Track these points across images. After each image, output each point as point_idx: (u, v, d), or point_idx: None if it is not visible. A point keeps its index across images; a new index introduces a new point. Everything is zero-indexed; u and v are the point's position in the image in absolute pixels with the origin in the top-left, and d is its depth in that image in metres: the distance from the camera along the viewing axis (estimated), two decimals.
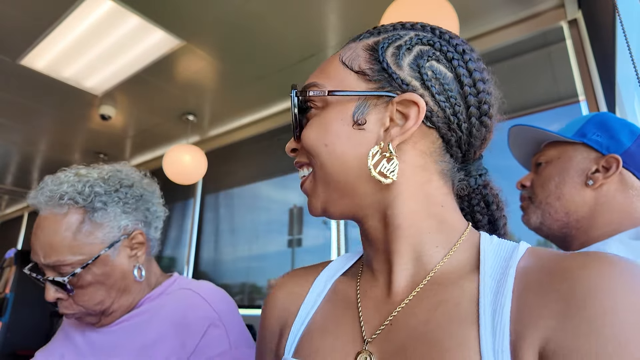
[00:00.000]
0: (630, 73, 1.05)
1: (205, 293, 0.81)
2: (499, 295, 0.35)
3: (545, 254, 0.37)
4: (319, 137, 0.43)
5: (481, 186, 0.48)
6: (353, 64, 0.44)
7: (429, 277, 0.41)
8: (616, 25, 1.30)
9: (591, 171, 0.78)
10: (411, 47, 0.42)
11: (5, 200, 5.95)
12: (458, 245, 0.42)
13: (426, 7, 1.45)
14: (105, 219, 0.77)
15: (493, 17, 2.03)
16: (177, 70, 2.52)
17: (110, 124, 3.23)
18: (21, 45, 2.25)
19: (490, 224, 0.49)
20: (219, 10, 1.99)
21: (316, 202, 0.46)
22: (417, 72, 0.41)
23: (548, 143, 0.86)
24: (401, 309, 0.40)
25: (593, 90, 1.75)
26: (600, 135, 0.79)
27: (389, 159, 0.40)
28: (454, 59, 0.42)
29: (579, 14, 1.87)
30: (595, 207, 0.77)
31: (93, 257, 0.74)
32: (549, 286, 0.33)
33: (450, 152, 0.44)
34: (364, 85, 0.42)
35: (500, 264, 0.38)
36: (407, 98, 0.40)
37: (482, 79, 0.43)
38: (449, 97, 0.41)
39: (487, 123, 0.43)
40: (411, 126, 0.40)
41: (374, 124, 0.42)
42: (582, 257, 0.33)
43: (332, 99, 0.44)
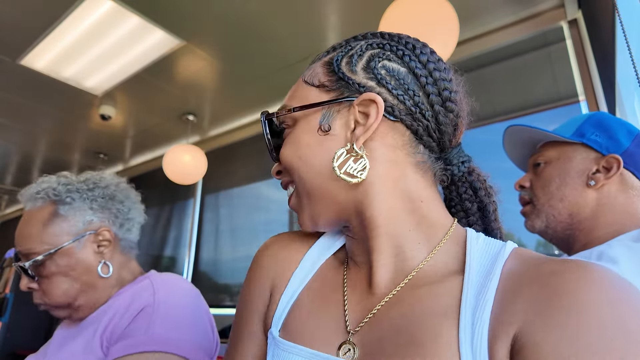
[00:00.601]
0: (630, 73, 1.05)
1: (157, 282, 0.82)
2: (481, 295, 0.36)
3: (529, 257, 0.38)
4: (293, 152, 0.46)
5: (466, 173, 0.48)
6: (314, 80, 0.47)
7: (412, 275, 0.42)
8: (616, 25, 1.30)
9: (592, 171, 0.77)
10: (362, 53, 0.45)
11: (5, 200, 5.95)
12: (442, 243, 0.43)
13: (426, 7, 1.45)
14: (71, 213, 0.83)
15: (493, 17, 2.03)
16: (177, 70, 2.52)
17: (110, 124, 3.23)
18: (21, 45, 2.25)
19: (480, 210, 0.49)
20: (219, 10, 1.99)
21: (304, 216, 0.48)
22: (370, 74, 0.44)
23: (545, 143, 0.86)
24: (384, 304, 0.41)
25: (593, 90, 1.75)
26: (599, 135, 0.78)
27: (356, 158, 0.42)
28: (405, 55, 0.44)
29: (579, 14, 1.87)
30: (597, 208, 0.77)
31: (57, 247, 0.80)
32: (528, 289, 0.34)
33: (423, 142, 0.45)
34: (326, 97, 0.45)
35: (485, 265, 0.39)
36: (365, 98, 0.42)
37: (437, 69, 0.44)
38: (407, 89, 0.43)
39: (451, 108, 0.44)
40: (372, 123, 0.42)
41: (340, 129, 0.44)
42: (563, 263, 0.34)
43: (299, 115, 0.46)
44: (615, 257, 0.64)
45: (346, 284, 0.47)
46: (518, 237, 1.83)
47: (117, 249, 0.88)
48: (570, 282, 0.32)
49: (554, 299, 0.31)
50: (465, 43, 2.13)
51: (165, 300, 0.77)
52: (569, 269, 0.33)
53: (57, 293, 0.80)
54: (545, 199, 0.81)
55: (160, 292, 0.78)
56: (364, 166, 0.42)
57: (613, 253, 0.65)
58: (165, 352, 0.69)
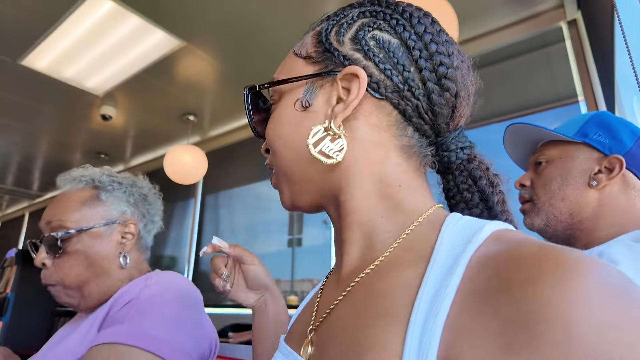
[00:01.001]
0: (629, 73, 1.05)
1: (152, 279, 0.82)
2: (440, 293, 0.29)
3: (506, 242, 0.29)
4: (274, 130, 0.43)
5: (465, 161, 0.43)
6: (302, 51, 0.43)
7: (373, 266, 0.37)
8: (615, 25, 1.30)
9: (594, 172, 0.77)
10: (352, 22, 0.41)
11: (6, 200, 5.96)
12: (413, 227, 0.37)
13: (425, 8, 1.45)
14: (110, 200, 0.89)
15: (492, 18, 2.03)
16: (177, 71, 2.53)
17: (111, 124, 3.24)
18: (22, 46, 2.26)
19: (483, 201, 0.42)
20: (219, 11, 1.99)
21: (284, 197, 0.45)
22: (358, 45, 0.39)
23: (546, 142, 0.86)
24: (342, 298, 0.38)
25: (592, 90, 1.75)
26: (602, 135, 0.78)
27: (334, 138, 0.38)
28: (399, 24, 0.39)
29: (578, 14, 1.87)
30: (598, 209, 0.76)
31: (89, 226, 0.83)
32: (496, 293, 0.26)
33: (412, 124, 0.40)
34: (311, 69, 0.41)
35: (455, 252, 0.31)
36: (347, 72, 0.38)
37: (434, 41, 0.39)
38: (396, 63, 0.38)
39: (448, 86, 0.39)
40: (352, 99, 0.38)
41: (321, 106, 0.40)
42: (546, 264, 0.25)
43: (284, 89, 0.43)
44: (615, 257, 0.64)
45: (326, 279, 0.47)
46: None
47: (136, 245, 0.91)
48: (555, 300, 0.23)
49: (529, 324, 0.23)
50: (465, 43, 2.13)
51: (151, 296, 0.76)
52: (550, 275, 0.24)
53: (73, 272, 0.81)
54: (546, 198, 0.81)
55: (149, 289, 0.78)
56: (341, 147, 0.38)
57: (613, 253, 0.65)
58: (134, 347, 0.67)
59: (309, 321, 0.42)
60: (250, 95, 0.46)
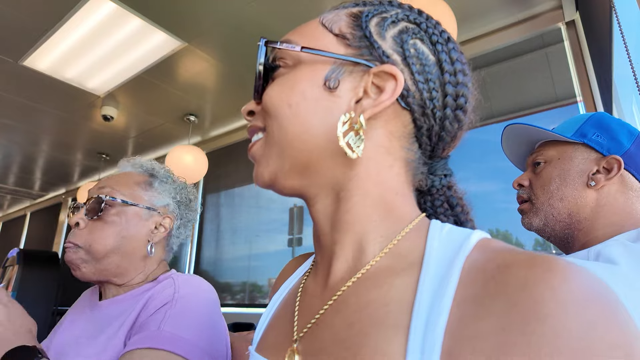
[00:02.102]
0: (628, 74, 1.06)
1: (179, 280, 0.83)
2: (437, 300, 0.29)
3: (494, 250, 0.31)
4: (282, 95, 0.39)
5: (445, 187, 0.44)
6: (333, 27, 0.40)
7: (364, 271, 0.37)
8: (613, 26, 1.31)
9: (592, 172, 0.77)
10: (397, 21, 0.40)
11: (8, 200, 5.97)
12: (403, 234, 0.37)
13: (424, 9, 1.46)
14: (160, 189, 0.93)
15: (491, 19, 2.04)
16: (178, 72, 2.53)
17: (112, 124, 3.25)
18: (24, 46, 2.27)
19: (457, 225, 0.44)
20: (220, 12, 2.00)
21: (264, 170, 0.41)
22: (399, 47, 0.39)
23: (544, 142, 0.86)
24: (329, 307, 0.37)
25: (590, 91, 1.76)
26: (600, 136, 0.78)
27: (357, 132, 0.37)
28: (439, 42, 0.40)
29: (576, 15, 1.88)
30: (596, 209, 0.77)
31: (133, 203, 0.88)
32: (493, 298, 0.27)
33: (420, 141, 0.40)
34: (342, 50, 0.39)
35: (445, 260, 0.32)
36: (386, 70, 0.37)
37: (462, 71, 0.40)
38: (428, 79, 0.38)
39: (460, 118, 0.40)
40: (385, 99, 0.37)
41: (346, 92, 0.38)
42: (534, 270, 0.27)
43: (305, 57, 0.40)
44: (612, 256, 0.64)
45: (301, 287, 0.44)
46: (515, 236, 1.84)
47: (164, 242, 0.94)
48: (547, 300, 0.25)
49: (527, 324, 0.25)
50: (463, 44, 2.14)
51: (184, 299, 0.77)
52: (542, 279, 0.26)
53: (102, 240, 0.83)
54: (545, 198, 0.81)
55: (181, 291, 0.79)
56: (362, 142, 0.37)
57: (610, 253, 0.65)
58: (171, 352, 0.67)
59: (288, 330, 0.40)
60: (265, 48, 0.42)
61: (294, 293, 0.45)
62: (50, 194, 5.46)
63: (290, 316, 0.42)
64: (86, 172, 4.54)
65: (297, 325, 0.39)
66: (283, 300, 0.47)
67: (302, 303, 0.42)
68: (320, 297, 0.39)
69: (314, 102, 0.38)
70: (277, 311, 0.46)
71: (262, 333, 0.46)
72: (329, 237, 0.40)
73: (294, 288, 0.47)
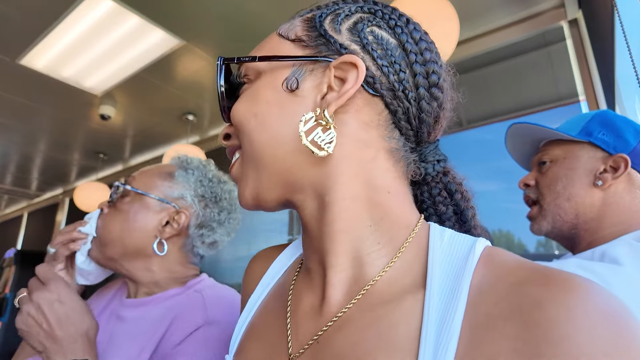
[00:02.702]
0: (630, 73, 1.05)
1: (209, 296, 0.78)
2: (446, 323, 0.28)
3: (504, 265, 0.30)
4: (247, 108, 0.39)
5: (441, 174, 0.42)
6: (289, 34, 0.41)
7: (367, 288, 0.34)
8: (615, 25, 1.30)
9: (599, 171, 0.76)
10: (351, 14, 0.39)
11: (5, 200, 5.94)
12: (405, 247, 0.35)
13: (426, 7, 1.45)
14: (180, 180, 0.86)
15: (493, 17, 2.02)
16: (177, 70, 2.52)
17: (109, 123, 3.23)
18: (21, 45, 2.25)
19: (457, 215, 0.43)
20: (219, 10, 1.99)
21: (245, 189, 0.40)
22: (356, 37, 0.38)
23: (549, 141, 0.85)
24: (332, 325, 0.34)
25: (593, 90, 1.75)
26: (606, 134, 0.77)
27: (325, 128, 0.35)
28: (398, 25, 0.39)
29: (579, 13, 1.87)
30: (603, 208, 0.76)
31: (143, 192, 0.82)
32: (504, 324, 0.26)
33: (399, 127, 0.38)
34: (300, 52, 0.39)
35: (450, 276, 0.31)
36: (346, 60, 0.36)
37: (429, 49, 0.39)
38: (393, 62, 0.37)
39: (437, 95, 0.38)
40: (349, 89, 0.35)
41: (309, 91, 0.37)
42: (548, 286, 0.26)
43: (264, 67, 0.40)
44: (617, 256, 0.63)
45: (291, 297, 0.41)
46: (518, 237, 1.83)
47: (179, 242, 0.85)
48: (563, 321, 0.24)
49: (542, 346, 0.23)
50: (466, 43, 2.13)
51: (216, 321, 0.72)
52: (557, 299, 0.25)
53: (109, 226, 0.81)
54: (552, 198, 0.80)
55: (210, 314, 0.73)
56: (331, 138, 0.35)
57: (615, 253, 0.64)
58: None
59: (278, 344, 0.38)
60: (224, 68, 0.42)
61: (281, 298, 0.42)
62: (48, 194, 5.44)
63: (281, 328, 0.38)
64: (84, 171, 4.52)
65: (292, 341, 0.37)
66: (265, 304, 0.44)
67: (295, 315, 0.38)
68: (319, 312, 0.37)
69: (279, 107, 0.38)
70: (260, 317, 0.43)
71: (242, 341, 0.42)
72: (321, 244, 0.38)
73: (279, 291, 0.43)
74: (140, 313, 0.80)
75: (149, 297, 0.81)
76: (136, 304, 0.82)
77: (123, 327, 0.80)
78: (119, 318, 0.82)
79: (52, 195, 5.37)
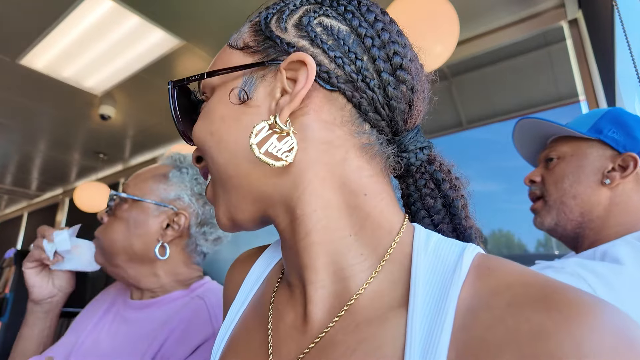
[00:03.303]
0: (631, 72, 1.05)
1: (213, 306, 0.77)
2: (430, 347, 0.26)
3: (496, 277, 0.27)
4: (204, 127, 0.37)
5: (425, 163, 0.39)
6: (238, 43, 0.38)
7: (351, 302, 0.32)
8: (616, 24, 1.30)
9: (607, 169, 0.75)
10: (296, 9, 0.37)
11: (5, 200, 5.94)
12: (388, 256, 0.33)
13: (426, 7, 1.45)
14: (174, 181, 0.84)
15: (493, 17, 2.02)
16: (177, 70, 2.52)
17: (110, 123, 3.23)
18: (21, 45, 2.25)
19: (446, 207, 0.39)
20: (218, 10, 1.99)
21: (219, 212, 0.38)
22: (303, 31, 0.35)
23: (557, 138, 0.84)
24: (314, 347, 0.32)
25: (593, 89, 1.75)
26: (616, 132, 0.76)
27: (282, 136, 0.33)
28: (347, 11, 0.36)
29: (579, 13, 1.87)
30: (610, 207, 0.75)
31: (139, 198, 0.81)
32: (502, 347, 0.23)
33: (368, 120, 0.35)
34: (249, 60, 0.36)
35: (435, 292, 0.28)
36: (293, 59, 0.33)
37: (387, 29, 0.35)
38: (347, 51, 0.34)
39: (403, 78, 0.35)
40: (300, 89, 0.33)
41: (263, 99, 0.35)
42: (549, 310, 0.23)
43: (216, 82, 0.38)
44: (619, 256, 0.63)
45: (271, 313, 0.38)
46: (518, 237, 1.84)
47: (181, 243, 0.84)
48: (568, 356, 0.21)
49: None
50: (466, 43, 2.13)
51: (219, 325, 0.72)
52: (563, 328, 0.22)
53: (110, 235, 0.81)
54: (558, 195, 0.79)
55: (218, 323, 0.72)
56: (290, 146, 0.33)
57: (617, 252, 0.64)
58: None
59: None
60: (177, 91, 0.40)
61: (261, 311, 0.39)
62: (48, 194, 5.44)
63: (261, 345, 0.36)
64: (84, 171, 4.52)
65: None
66: (245, 318, 0.41)
67: (276, 332, 0.36)
68: (301, 331, 0.34)
69: (234, 122, 0.35)
70: (240, 331, 0.40)
71: (223, 356, 0.40)
72: (298, 260, 0.35)
73: (259, 304, 0.41)
74: (144, 315, 0.80)
75: (153, 300, 0.81)
76: (141, 306, 0.82)
77: (127, 329, 0.79)
78: (123, 319, 0.82)
79: (52, 195, 5.36)
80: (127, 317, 0.81)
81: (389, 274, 0.32)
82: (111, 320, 0.83)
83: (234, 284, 0.47)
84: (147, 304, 0.81)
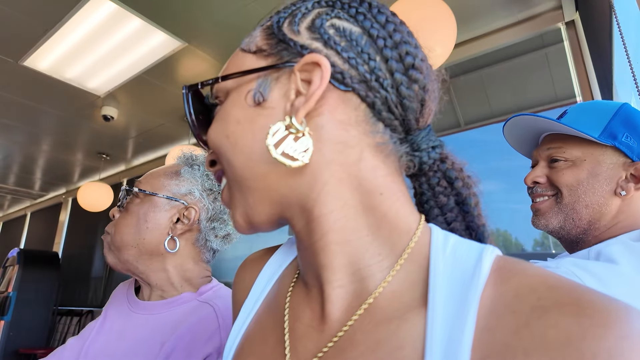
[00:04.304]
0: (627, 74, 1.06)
1: (222, 314, 0.77)
2: (452, 345, 0.26)
3: (519, 280, 0.27)
4: (219, 129, 0.38)
5: (438, 161, 0.39)
6: (251, 46, 0.39)
7: (369, 303, 0.32)
8: (613, 26, 1.31)
9: (621, 179, 0.72)
10: (308, 12, 0.37)
11: (8, 200, 5.97)
12: (406, 254, 0.33)
13: (424, 10, 1.47)
14: (186, 177, 0.86)
15: (491, 19, 2.04)
16: (178, 72, 2.54)
17: (112, 124, 3.25)
18: (24, 47, 2.27)
19: (459, 205, 0.39)
20: (220, 12, 2.00)
21: (235, 214, 0.39)
22: (316, 34, 0.36)
23: (564, 137, 0.79)
24: (333, 346, 0.32)
25: (590, 91, 1.76)
26: (630, 137, 0.72)
27: (297, 137, 0.33)
28: (359, 13, 0.36)
29: (576, 15, 1.88)
30: (617, 216, 0.72)
31: (151, 192, 0.83)
32: (529, 353, 0.23)
33: (382, 119, 0.36)
34: (263, 63, 0.37)
35: (455, 293, 0.28)
36: (307, 61, 0.34)
37: (398, 30, 0.36)
38: (360, 52, 0.35)
39: (416, 77, 0.35)
40: (315, 90, 0.33)
41: (278, 101, 0.35)
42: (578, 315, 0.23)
43: (230, 85, 0.38)
44: (613, 255, 0.62)
45: (287, 312, 0.38)
46: (515, 237, 1.84)
47: (192, 238, 0.86)
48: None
49: None
50: (463, 45, 2.14)
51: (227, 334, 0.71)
52: (594, 336, 0.22)
53: (122, 229, 0.82)
54: (571, 200, 0.75)
55: (227, 331, 0.71)
56: (306, 147, 0.33)
57: (611, 251, 0.63)
58: None
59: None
60: (191, 96, 0.40)
61: (277, 311, 0.40)
62: (51, 194, 5.47)
63: (277, 344, 0.36)
64: (86, 172, 4.55)
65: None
66: (259, 317, 0.41)
67: (293, 331, 0.36)
68: (319, 330, 0.34)
69: (249, 124, 0.36)
70: (255, 330, 0.40)
71: (236, 355, 0.40)
72: (315, 259, 0.36)
73: (274, 303, 0.41)
74: (152, 316, 0.80)
75: (162, 301, 0.82)
76: (149, 307, 0.82)
77: (135, 331, 0.79)
78: (130, 316, 0.83)
79: (55, 195, 5.39)
80: (135, 316, 0.82)
81: (408, 274, 0.32)
82: (125, 312, 0.84)
83: (244, 284, 0.47)
84: (156, 305, 0.81)
